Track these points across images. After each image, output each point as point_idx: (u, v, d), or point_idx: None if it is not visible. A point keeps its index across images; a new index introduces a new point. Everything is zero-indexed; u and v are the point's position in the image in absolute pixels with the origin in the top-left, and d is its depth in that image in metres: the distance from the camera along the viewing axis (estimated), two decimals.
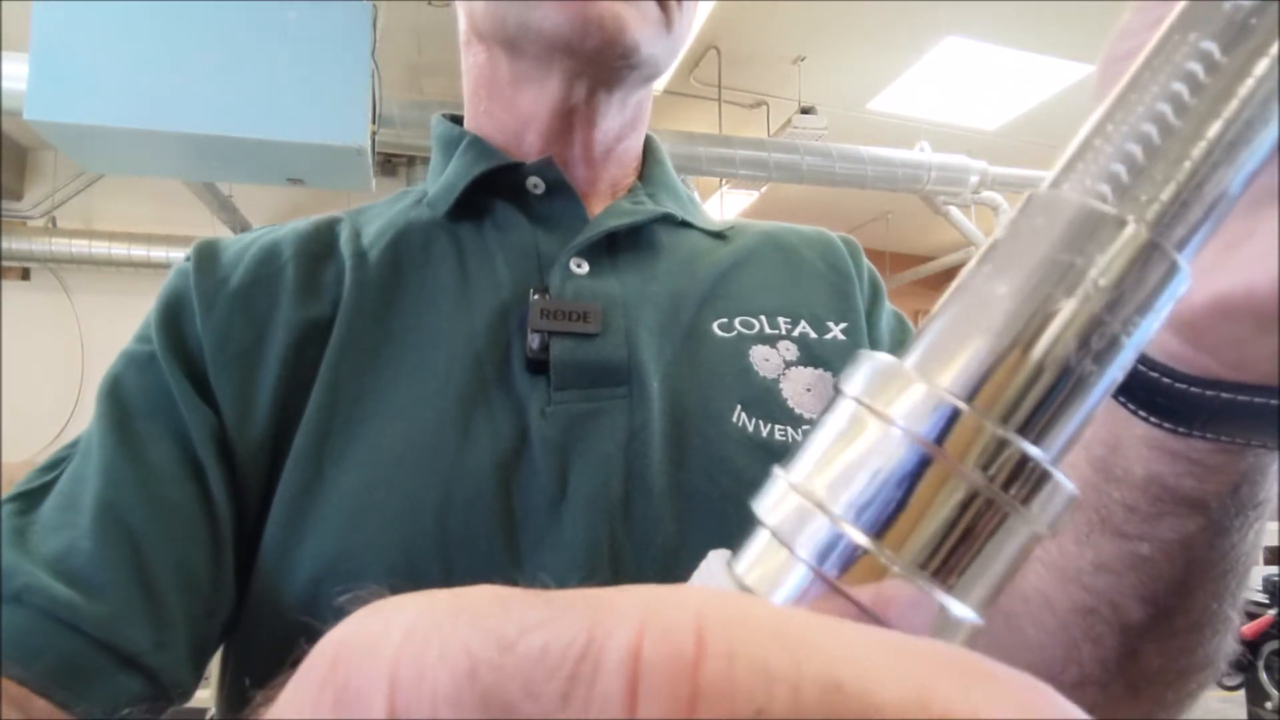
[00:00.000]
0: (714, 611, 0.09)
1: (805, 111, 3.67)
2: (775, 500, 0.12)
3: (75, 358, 3.93)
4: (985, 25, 3.22)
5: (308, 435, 0.42)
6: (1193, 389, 0.24)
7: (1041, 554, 0.33)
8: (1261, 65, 0.13)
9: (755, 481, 0.13)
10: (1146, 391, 0.26)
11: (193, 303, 0.45)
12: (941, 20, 3.20)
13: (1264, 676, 3.11)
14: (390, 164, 4.07)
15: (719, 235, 0.56)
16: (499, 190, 0.52)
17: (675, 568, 0.41)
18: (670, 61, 0.52)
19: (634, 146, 0.57)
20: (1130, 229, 0.12)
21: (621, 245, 0.52)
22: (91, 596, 0.37)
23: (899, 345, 0.53)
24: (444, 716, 0.09)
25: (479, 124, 0.55)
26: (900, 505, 0.11)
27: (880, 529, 0.11)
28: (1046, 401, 0.12)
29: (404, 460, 0.42)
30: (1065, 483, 0.12)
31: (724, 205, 4.61)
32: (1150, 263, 0.12)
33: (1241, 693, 3.17)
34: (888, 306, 0.56)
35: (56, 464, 0.43)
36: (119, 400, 0.43)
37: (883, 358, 0.13)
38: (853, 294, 0.54)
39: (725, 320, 0.49)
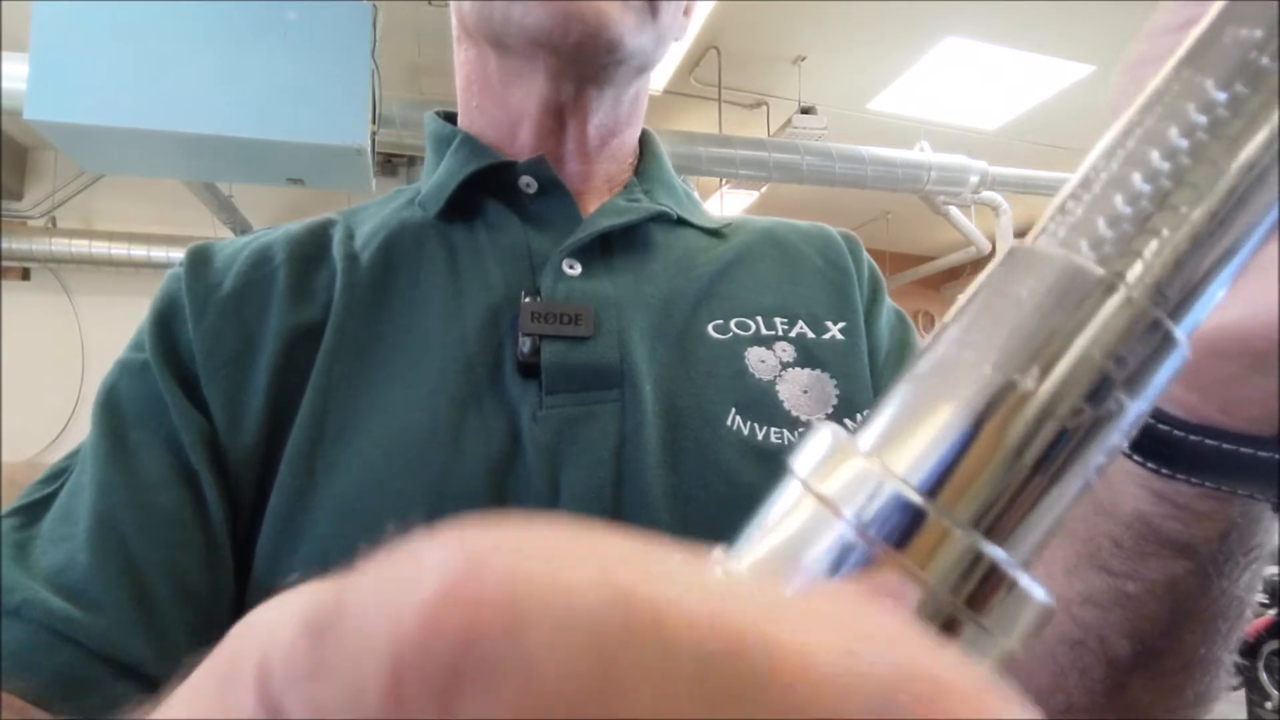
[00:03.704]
0: (515, 538, 0.08)
1: (805, 111, 3.67)
2: None
3: (75, 358, 3.93)
4: (985, 25, 3.21)
5: (300, 440, 0.42)
6: (1177, 432, 0.23)
7: None
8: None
9: (750, 485, 0.13)
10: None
11: (184, 309, 0.45)
12: (941, 20, 3.20)
13: (1264, 676, 3.11)
14: (390, 164, 4.07)
15: (716, 233, 0.55)
16: (491, 189, 0.51)
17: None
18: (661, 52, 0.51)
19: (629, 141, 0.57)
20: (1122, 295, 0.11)
21: (615, 245, 0.51)
22: (89, 609, 0.37)
23: (899, 343, 0.53)
24: (292, 641, 0.09)
25: (471, 120, 0.55)
26: None
27: None
28: (1019, 496, 0.10)
29: (396, 464, 0.42)
30: (1037, 593, 0.10)
31: (724, 205, 4.61)
32: (1144, 337, 0.11)
33: (1241, 693, 3.16)
34: (888, 304, 0.55)
35: (57, 475, 0.43)
36: (113, 409, 0.43)
37: (838, 434, 0.11)
38: (851, 292, 0.53)
39: (720, 322, 0.49)
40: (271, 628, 0.10)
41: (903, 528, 0.10)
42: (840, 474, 0.10)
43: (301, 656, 0.09)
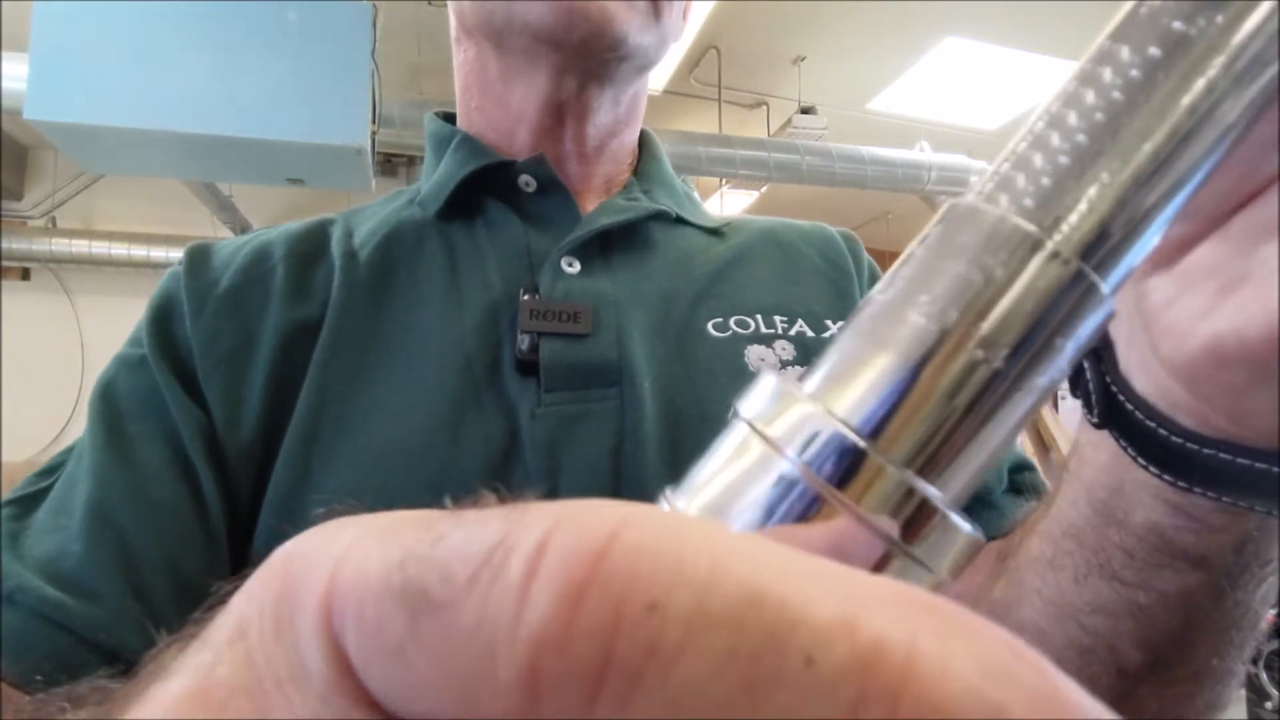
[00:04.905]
0: (639, 516, 0.08)
1: (805, 111, 3.67)
2: None
3: (75, 358, 3.93)
4: (985, 25, 3.21)
5: (296, 436, 0.42)
6: (1190, 445, 0.23)
7: (1039, 586, 0.32)
8: (1202, 81, 0.12)
9: None
10: (1146, 441, 0.24)
11: (183, 305, 0.45)
12: (941, 20, 3.20)
13: (1264, 676, 3.11)
14: (390, 164, 4.07)
15: (715, 232, 0.56)
16: (490, 188, 0.51)
17: None
18: (661, 53, 0.51)
19: (629, 141, 0.57)
20: (1049, 250, 0.11)
21: (614, 243, 0.51)
22: (82, 598, 0.37)
23: None
24: (369, 605, 0.09)
25: (471, 121, 0.55)
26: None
27: None
28: (951, 437, 0.11)
29: (393, 462, 0.42)
30: (964, 527, 0.11)
31: (724, 205, 4.61)
32: (1069, 289, 0.11)
33: (1241, 692, 3.16)
34: None
35: (54, 469, 0.43)
36: (110, 403, 0.43)
37: (783, 379, 0.12)
38: (851, 291, 0.53)
39: (720, 320, 0.49)
40: (338, 568, 0.09)
41: (842, 466, 0.10)
42: (784, 417, 0.11)
43: (394, 629, 0.08)
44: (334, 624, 0.09)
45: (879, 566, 0.11)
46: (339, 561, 0.09)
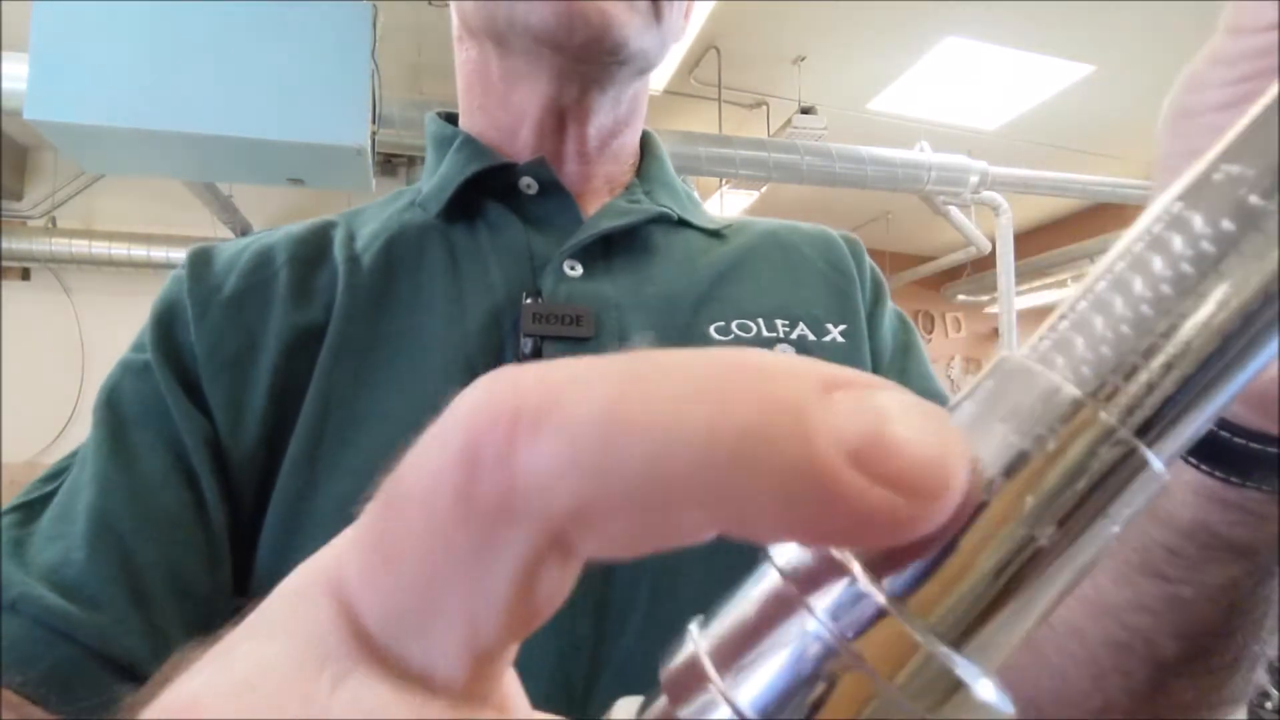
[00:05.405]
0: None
1: (805, 111, 3.67)
2: (679, 666, 0.12)
3: (75, 358, 3.92)
4: (985, 25, 3.21)
5: (301, 442, 0.42)
6: (1253, 445, 0.24)
7: None
8: (1276, 263, 0.11)
9: None
10: (1202, 443, 0.25)
11: (186, 310, 0.45)
12: (941, 20, 3.20)
13: (1264, 676, 3.11)
14: (390, 164, 4.06)
15: (717, 234, 0.55)
16: (492, 190, 0.51)
17: (670, 575, 0.41)
18: (662, 54, 0.51)
19: (630, 142, 0.57)
20: (1105, 425, 0.11)
21: (616, 246, 0.51)
22: (85, 606, 0.37)
23: (901, 345, 0.53)
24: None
25: (472, 121, 0.55)
26: (810, 713, 0.10)
27: None
28: (987, 611, 0.11)
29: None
30: (1002, 706, 0.11)
31: (724, 205, 4.61)
32: (1123, 466, 0.11)
33: None
34: (890, 306, 0.55)
35: (58, 474, 0.43)
36: (114, 409, 0.43)
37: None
38: (853, 294, 0.53)
39: (722, 324, 0.49)
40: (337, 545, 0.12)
41: (865, 627, 0.10)
42: (812, 564, 0.11)
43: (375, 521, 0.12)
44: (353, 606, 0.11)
45: None
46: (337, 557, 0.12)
